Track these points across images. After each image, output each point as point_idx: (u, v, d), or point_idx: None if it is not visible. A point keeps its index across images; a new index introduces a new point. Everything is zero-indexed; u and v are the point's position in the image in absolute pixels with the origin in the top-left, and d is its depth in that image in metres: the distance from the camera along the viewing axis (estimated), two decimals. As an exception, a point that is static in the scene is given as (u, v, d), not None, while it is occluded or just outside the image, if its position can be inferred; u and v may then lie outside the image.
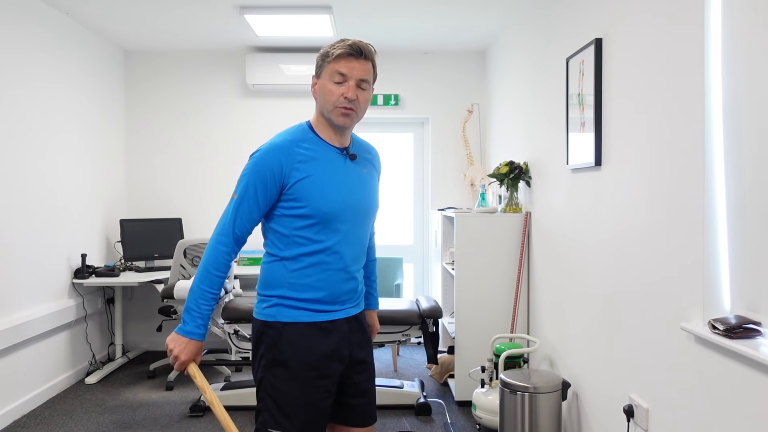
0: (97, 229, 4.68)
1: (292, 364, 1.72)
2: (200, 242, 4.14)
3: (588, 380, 2.77)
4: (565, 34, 3.07)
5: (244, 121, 5.21)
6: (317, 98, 1.79)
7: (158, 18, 4.28)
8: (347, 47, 1.71)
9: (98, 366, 4.52)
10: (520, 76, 3.97)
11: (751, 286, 1.65)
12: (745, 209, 1.67)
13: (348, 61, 1.71)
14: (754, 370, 1.59)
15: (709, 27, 1.79)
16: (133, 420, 3.54)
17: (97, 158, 4.67)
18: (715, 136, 1.78)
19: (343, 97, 1.72)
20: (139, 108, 5.18)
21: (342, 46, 1.72)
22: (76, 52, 4.35)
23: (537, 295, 3.56)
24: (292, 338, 1.73)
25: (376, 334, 2.11)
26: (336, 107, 1.73)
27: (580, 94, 2.77)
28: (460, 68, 5.23)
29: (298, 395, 1.72)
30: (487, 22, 4.37)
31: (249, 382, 3.84)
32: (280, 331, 1.74)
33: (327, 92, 1.74)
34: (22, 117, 3.69)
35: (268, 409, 1.74)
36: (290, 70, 4.97)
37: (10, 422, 3.49)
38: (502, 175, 3.75)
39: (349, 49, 1.71)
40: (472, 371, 3.66)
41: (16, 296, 3.62)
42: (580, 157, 2.78)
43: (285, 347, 1.73)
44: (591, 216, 2.71)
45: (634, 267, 2.28)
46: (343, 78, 1.72)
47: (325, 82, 1.74)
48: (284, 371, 1.73)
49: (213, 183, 5.20)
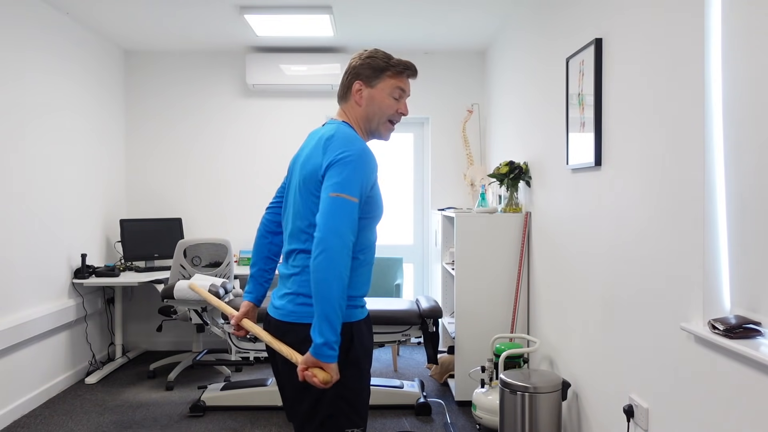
0: (97, 229, 4.68)
1: (362, 362, 1.74)
2: (200, 242, 4.14)
3: (588, 380, 2.77)
4: (565, 34, 3.07)
5: (244, 121, 5.21)
6: (362, 105, 1.81)
7: (158, 18, 4.28)
8: (410, 67, 1.83)
9: (98, 366, 4.52)
10: (520, 76, 3.97)
11: (751, 286, 1.65)
12: (745, 209, 1.67)
13: (408, 79, 1.85)
14: (754, 370, 1.59)
15: (710, 26, 1.79)
16: (133, 420, 3.54)
17: (97, 158, 4.67)
18: (715, 135, 1.78)
19: (398, 113, 1.83)
20: (139, 108, 5.18)
21: (404, 65, 1.82)
22: (76, 52, 4.35)
23: (537, 295, 3.56)
24: (361, 337, 1.74)
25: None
26: (388, 120, 1.83)
27: (580, 94, 2.77)
28: (460, 68, 5.23)
29: (367, 390, 1.78)
30: (487, 22, 4.37)
31: (249, 382, 3.84)
32: (351, 332, 1.70)
33: (384, 105, 1.81)
34: (21, 117, 3.68)
35: (343, 412, 1.68)
36: (290, 70, 4.97)
37: (10, 422, 3.49)
38: (502, 175, 3.75)
39: (412, 70, 1.84)
40: (472, 371, 3.66)
41: (17, 296, 3.62)
42: (580, 157, 2.78)
43: (357, 347, 1.71)
44: (591, 216, 2.71)
45: (634, 267, 2.28)
46: (402, 94, 1.83)
47: (383, 95, 1.81)
48: (355, 370, 1.71)
49: (213, 183, 5.20)
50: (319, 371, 1.56)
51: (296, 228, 1.75)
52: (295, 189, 1.79)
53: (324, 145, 1.69)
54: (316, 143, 1.74)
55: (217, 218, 5.21)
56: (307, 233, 1.71)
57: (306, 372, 1.57)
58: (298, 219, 1.75)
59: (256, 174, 5.21)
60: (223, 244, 4.17)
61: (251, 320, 1.94)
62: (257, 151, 5.21)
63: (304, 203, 1.72)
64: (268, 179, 5.20)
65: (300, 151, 1.86)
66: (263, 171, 5.21)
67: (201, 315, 3.84)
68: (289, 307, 1.72)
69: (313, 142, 1.77)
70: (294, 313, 1.71)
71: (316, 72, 4.97)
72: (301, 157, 1.81)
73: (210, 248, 4.18)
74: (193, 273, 4.06)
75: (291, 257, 1.77)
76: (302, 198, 1.73)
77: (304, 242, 1.72)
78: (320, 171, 1.67)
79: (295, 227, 1.75)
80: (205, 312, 3.86)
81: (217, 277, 4.08)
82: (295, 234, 1.75)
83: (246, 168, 5.22)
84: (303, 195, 1.72)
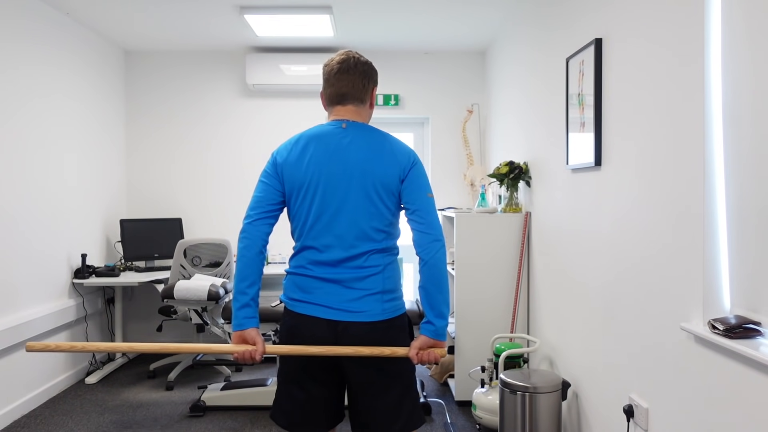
0: (97, 229, 4.68)
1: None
2: (200, 242, 4.14)
3: (588, 380, 2.77)
4: (565, 34, 3.07)
5: (244, 121, 5.21)
6: (372, 108, 2.00)
7: (158, 18, 4.28)
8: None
9: (98, 366, 4.52)
10: (520, 76, 3.97)
11: (751, 286, 1.65)
12: (745, 209, 1.67)
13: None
14: (754, 370, 1.59)
15: (710, 26, 1.79)
16: (133, 420, 3.54)
17: (98, 158, 4.67)
18: (715, 135, 1.78)
19: None
20: (139, 108, 5.18)
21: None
22: (76, 53, 4.35)
23: (537, 294, 3.56)
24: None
25: None
26: None
27: (580, 94, 2.77)
28: (460, 68, 5.23)
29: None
30: (487, 22, 4.37)
31: (249, 382, 3.84)
32: (409, 319, 1.92)
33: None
34: (21, 117, 3.69)
35: (415, 385, 1.91)
36: (290, 70, 4.97)
37: (10, 422, 3.49)
38: (502, 175, 3.75)
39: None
40: (472, 371, 3.66)
41: (17, 296, 3.62)
42: (580, 157, 2.78)
43: (410, 331, 1.92)
44: (591, 216, 2.71)
45: (634, 267, 2.28)
46: None
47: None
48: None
49: (213, 183, 5.20)
50: (437, 349, 1.80)
51: (366, 229, 1.80)
52: (349, 191, 1.80)
53: (391, 152, 1.83)
54: (373, 150, 1.82)
55: (217, 218, 5.21)
56: (385, 232, 1.84)
57: (422, 353, 1.77)
58: (369, 220, 1.81)
59: (256, 174, 5.21)
60: (223, 244, 4.17)
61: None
62: (257, 151, 5.21)
63: (374, 205, 1.81)
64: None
65: (320, 154, 1.82)
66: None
67: (201, 315, 3.85)
68: (379, 306, 1.80)
69: (355, 146, 1.82)
70: (386, 311, 1.82)
71: (316, 72, 4.97)
72: (337, 161, 1.81)
73: (210, 248, 4.18)
74: (193, 273, 4.06)
75: (361, 258, 1.80)
76: (371, 200, 1.81)
77: (381, 241, 1.82)
78: (396, 176, 1.82)
79: (365, 228, 1.80)
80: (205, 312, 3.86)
81: (217, 277, 4.08)
82: (366, 235, 1.81)
83: (246, 168, 5.21)
84: (372, 197, 1.81)
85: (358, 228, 1.79)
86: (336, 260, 1.80)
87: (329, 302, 1.79)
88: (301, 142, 1.86)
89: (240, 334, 1.79)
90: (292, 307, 1.84)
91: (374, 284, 1.80)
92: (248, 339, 1.78)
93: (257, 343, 1.77)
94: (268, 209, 1.84)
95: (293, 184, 1.83)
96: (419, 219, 1.80)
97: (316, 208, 1.81)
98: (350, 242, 1.80)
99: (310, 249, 1.83)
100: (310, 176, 1.82)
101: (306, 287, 1.82)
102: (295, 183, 1.83)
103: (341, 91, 1.89)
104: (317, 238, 1.82)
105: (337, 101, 1.91)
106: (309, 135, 1.87)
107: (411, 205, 1.82)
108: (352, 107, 1.90)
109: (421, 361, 1.78)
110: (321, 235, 1.81)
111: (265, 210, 1.84)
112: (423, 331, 1.80)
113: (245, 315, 1.78)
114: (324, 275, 1.81)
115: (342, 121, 1.88)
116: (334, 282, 1.80)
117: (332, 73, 1.89)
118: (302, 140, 1.86)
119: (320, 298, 1.80)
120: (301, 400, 1.84)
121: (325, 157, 1.82)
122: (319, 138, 1.85)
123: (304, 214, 1.83)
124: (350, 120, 1.88)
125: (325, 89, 1.93)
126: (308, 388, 1.84)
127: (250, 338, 1.78)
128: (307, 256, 1.84)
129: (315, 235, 1.82)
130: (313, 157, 1.82)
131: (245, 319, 1.78)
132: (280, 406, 1.89)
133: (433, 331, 1.79)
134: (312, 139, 1.85)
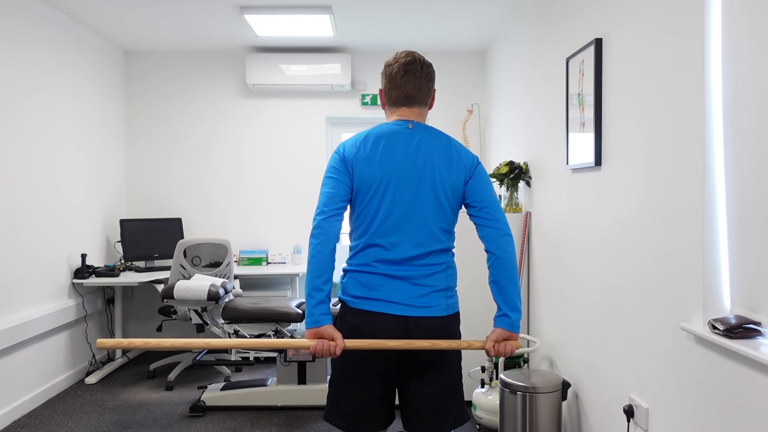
0: (97, 229, 4.68)
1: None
2: (200, 242, 4.14)
3: (588, 380, 2.76)
4: (565, 33, 3.07)
5: (244, 121, 5.21)
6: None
7: (158, 18, 4.28)
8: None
9: (98, 366, 4.52)
10: (520, 76, 3.97)
11: (751, 286, 1.65)
12: (745, 209, 1.66)
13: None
14: (754, 370, 1.59)
15: (710, 26, 1.79)
16: (133, 420, 3.54)
17: (97, 158, 4.67)
18: (715, 135, 1.78)
19: None
20: (138, 108, 5.18)
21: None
22: (76, 52, 4.35)
23: (537, 295, 3.55)
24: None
25: None
26: None
27: (580, 94, 2.77)
28: (460, 68, 5.23)
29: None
30: (487, 22, 4.37)
31: (249, 382, 3.84)
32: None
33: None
34: (21, 117, 3.68)
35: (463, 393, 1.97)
36: (290, 70, 4.97)
37: (10, 422, 3.49)
38: (502, 175, 3.75)
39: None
40: (472, 371, 3.66)
41: (16, 296, 3.62)
42: (580, 157, 2.78)
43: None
44: (591, 216, 2.71)
45: (634, 267, 2.28)
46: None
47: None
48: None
49: (213, 183, 5.20)
50: (512, 341, 1.83)
51: (434, 229, 1.85)
52: (419, 192, 1.83)
53: (457, 154, 1.88)
54: (440, 152, 1.85)
55: (217, 218, 5.21)
56: (449, 232, 1.89)
57: (498, 346, 1.81)
58: (437, 220, 1.85)
59: (256, 174, 5.21)
60: (223, 244, 4.17)
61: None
62: (257, 151, 5.21)
63: (441, 206, 1.85)
64: (268, 179, 5.20)
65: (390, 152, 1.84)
66: (262, 171, 5.21)
67: (201, 315, 3.84)
68: (444, 302, 1.86)
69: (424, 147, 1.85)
70: (450, 306, 1.87)
71: (316, 72, 4.97)
72: (407, 161, 1.84)
73: (210, 248, 4.18)
74: (193, 273, 4.06)
75: (428, 257, 1.85)
76: (439, 201, 1.85)
77: (445, 241, 1.87)
78: (462, 178, 1.87)
79: (433, 228, 1.84)
80: (205, 312, 3.86)
81: (217, 277, 4.08)
82: (433, 235, 1.85)
83: (245, 168, 5.21)
84: (440, 199, 1.85)
85: (427, 228, 1.84)
86: (403, 258, 1.82)
87: (397, 298, 1.81)
88: (370, 139, 1.85)
89: (316, 330, 1.78)
90: (357, 305, 1.83)
91: (439, 281, 1.85)
92: (326, 335, 1.78)
93: (336, 338, 1.77)
94: (340, 205, 1.84)
95: (363, 181, 1.83)
96: (487, 215, 1.84)
97: (386, 207, 1.82)
98: (419, 241, 1.83)
99: (376, 247, 1.83)
100: (382, 174, 1.82)
101: (371, 284, 1.82)
102: (365, 180, 1.83)
103: (409, 94, 1.90)
104: (385, 236, 1.82)
105: (403, 103, 1.92)
106: (378, 133, 1.86)
107: (478, 202, 1.87)
108: (417, 109, 1.93)
109: (497, 353, 1.81)
110: (389, 233, 1.82)
111: (338, 206, 1.83)
112: (499, 324, 1.83)
113: (321, 312, 1.78)
114: (390, 272, 1.82)
115: (408, 122, 1.89)
116: (401, 279, 1.82)
117: (398, 74, 1.89)
118: (371, 138, 1.86)
119: (388, 294, 1.81)
120: (361, 399, 1.85)
121: (395, 156, 1.83)
122: (389, 137, 1.85)
123: (373, 212, 1.83)
124: (415, 121, 1.90)
125: (388, 90, 1.93)
126: (369, 386, 1.85)
127: (328, 334, 1.78)
128: (371, 254, 1.84)
129: (383, 233, 1.83)
130: (383, 155, 1.83)
131: (321, 316, 1.78)
132: (337, 406, 1.88)
133: (509, 324, 1.82)
134: (381, 137, 1.85)
